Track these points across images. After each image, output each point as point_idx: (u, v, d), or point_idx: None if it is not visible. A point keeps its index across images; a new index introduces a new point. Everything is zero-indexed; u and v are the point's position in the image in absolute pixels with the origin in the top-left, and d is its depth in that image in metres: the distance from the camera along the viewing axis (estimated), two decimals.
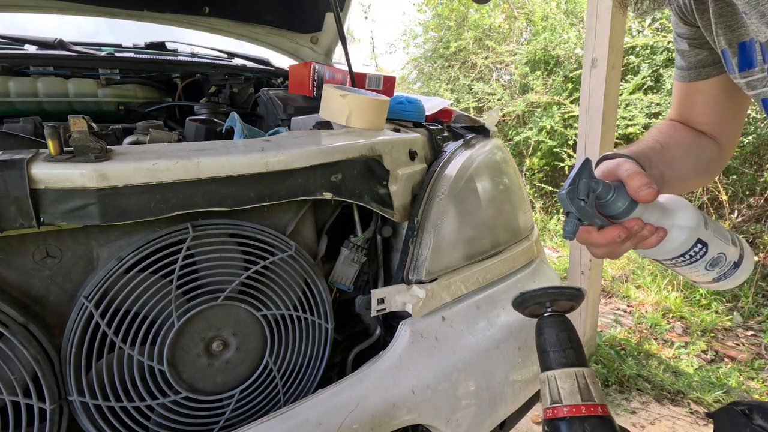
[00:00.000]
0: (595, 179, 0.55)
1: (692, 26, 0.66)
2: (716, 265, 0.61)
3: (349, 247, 0.95)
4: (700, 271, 0.62)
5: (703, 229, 0.59)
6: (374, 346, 0.99)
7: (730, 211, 3.49)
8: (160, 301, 0.70)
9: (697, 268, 0.62)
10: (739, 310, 2.78)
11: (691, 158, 0.72)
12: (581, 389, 0.50)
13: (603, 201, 0.56)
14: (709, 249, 0.60)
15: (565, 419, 0.49)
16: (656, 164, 0.66)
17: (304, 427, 0.70)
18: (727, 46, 0.59)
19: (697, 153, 0.72)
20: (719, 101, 0.71)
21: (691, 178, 0.73)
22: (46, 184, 0.59)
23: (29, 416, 0.63)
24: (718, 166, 0.77)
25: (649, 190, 0.54)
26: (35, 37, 1.37)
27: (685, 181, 0.73)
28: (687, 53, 0.69)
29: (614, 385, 2.10)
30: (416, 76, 7.46)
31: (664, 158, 0.68)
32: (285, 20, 1.70)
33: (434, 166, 1.01)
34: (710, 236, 0.60)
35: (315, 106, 1.10)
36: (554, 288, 0.56)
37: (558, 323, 0.55)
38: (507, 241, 1.13)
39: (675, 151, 0.70)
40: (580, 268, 2.14)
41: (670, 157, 0.69)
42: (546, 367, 0.53)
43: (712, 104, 0.72)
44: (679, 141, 0.72)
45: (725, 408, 0.60)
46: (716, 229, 0.61)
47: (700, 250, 0.59)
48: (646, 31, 4.18)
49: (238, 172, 0.70)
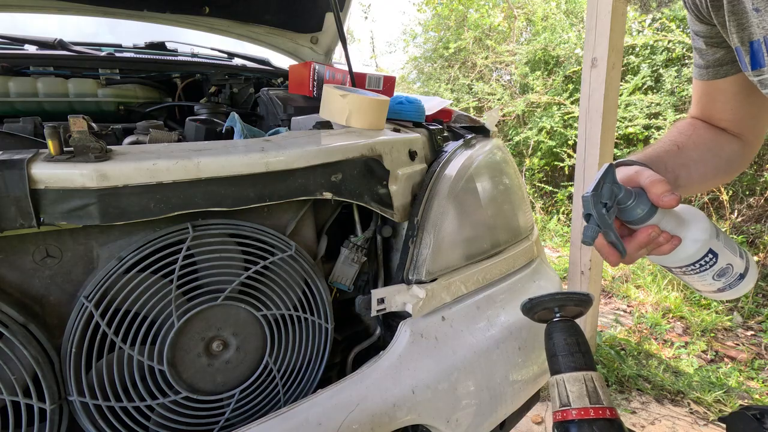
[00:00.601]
0: (617, 184, 0.56)
1: (708, 24, 0.65)
2: (723, 275, 0.62)
3: (349, 247, 0.95)
4: (707, 280, 0.63)
5: (715, 240, 0.60)
6: (374, 346, 0.99)
7: (730, 211, 3.49)
8: (160, 301, 0.70)
9: (705, 277, 0.63)
10: (739, 310, 2.78)
11: (710, 158, 0.71)
12: (590, 392, 0.51)
13: (623, 206, 0.57)
14: (719, 259, 0.61)
15: (574, 422, 0.49)
16: (671, 168, 0.66)
17: (304, 427, 0.70)
18: (739, 44, 0.58)
19: (717, 152, 0.72)
20: (740, 98, 0.70)
21: (709, 178, 0.72)
22: (46, 184, 0.59)
23: (29, 416, 0.63)
24: (740, 163, 0.76)
25: (672, 197, 0.54)
26: (35, 37, 1.36)
27: (703, 182, 0.72)
28: (705, 51, 0.68)
29: (614, 385, 2.10)
30: (416, 76, 7.47)
31: (681, 160, 0.68)
32: (285, 20, 1.70)
33: (434, 166, 1.01)
34: (721, 247, 0.61)
35: (315, 106, 1.10)
36: (562, 294, 0.57)
37: (566, 328, 0.56)
38: (507, 241, 1.13)
39: (692, 152, 0.70)
40: (580, 268, 2.14)
41: (686, 158, 0.69)
42: (555, 371, 0.54)
43: (733, 101, 0.70)
44: (697, 141, 0.71)
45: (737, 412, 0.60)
46: (726, 241, 0.62)
47: (710, 260, 0.61)
48: (646, 31, 4.18)
49: (238, 172, 0.70)
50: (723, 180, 0.77)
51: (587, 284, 2.12)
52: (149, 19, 1.54)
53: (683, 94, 3.78)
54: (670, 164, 0.67)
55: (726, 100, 0.71)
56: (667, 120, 3.75)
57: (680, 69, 3.87)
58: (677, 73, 3.85)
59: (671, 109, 3.79)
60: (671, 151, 0.69)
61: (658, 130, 3.82)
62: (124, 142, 0.94)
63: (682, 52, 3.88)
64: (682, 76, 3.83)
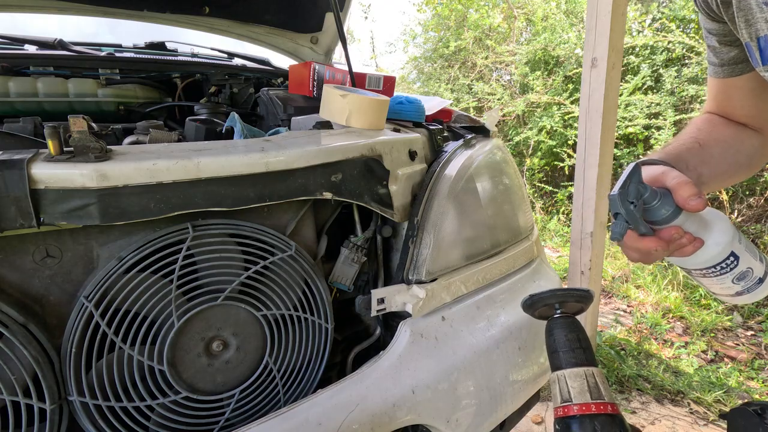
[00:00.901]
0: (643, 184, 0.56)
1: (719, 22, 0.64)
2: (743, 279, 0.62)
3: (349, 247, 0.95)
4: (726, 283, 0.63)
5: (737, 243, 0.60)
6: (374, 346, 0.99)
7: (731, 211, 3.49)
8: (160, 301, 0.70)
9: (725, 280, 0.63)
10: (739, 310, 2.78)
11: (731, 154, 0.70)
12: (591, 388, 0.50)
13: (648, 206, 0.57)
14: (740, 262, 0.61)
15: (575, 417, 0.49)
16: (693, 166, 0.66)
17: (304, 427, 0.70)
18: (749, 39, 0.58)
19: (738, 148, 0.71)
20: (757, 93, 0.69)
21: (730, 174, 0.72)
22: (46, 184, 0.59)
23: (29, 416, 0.63)
24: (761, 158, 0.75)
25: (698, 201, 0.54)
26: (35, 37, 1.36)
27: (724, 178, 0.72)
28: (719, 50, 0.68)
29: (614, 385, 2.10)
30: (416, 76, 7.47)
31: (703, 158, 0.67)
32: (285, 20, 1.70)
33: (434, 166, 1.01)
34: (742, 250, 0.61)
35: (315, 106, 1.10)
36: (563, 290, 0.57)
37: (567, 324, 0.56)
38: (507, 241, 1.13)
39: (714, 149, 0.69)
40: (580, 268, 2.13)
41: (708, 156, 0.68)
42: (556, 367, 0.54)
43: (750, 98, 0.70)
44: (717, 138, 0.71)
45: (738, 408, 0.60)
46: (747, 244, 0.62)
47: (731, 263, 0.60)
48: (646, 31, 4.18)
49: (238, 172, 0.70)
50: (745, 175, 0.76)
51: (587, 284, 2.12)
52: (149, 19, 1.54)
53: (683, 94, 3.78)
54: (692, 162, 0.66)
55: (743, 97, 0.70)
56: (667, 120, 3.75)
57: (680, 69, 3.87)
58: (677, 73, 3.85)
59: (671, 109, 3.79)
60: (693, 149, 0.68)
61: (658, 130, 3.82)
62: (124, 142, 0.94)
63: (682, 52, 3.88)
64: (682, 76, 3.83)
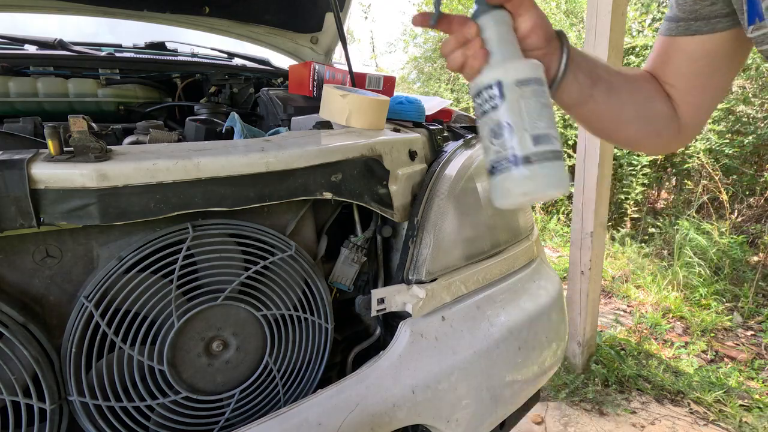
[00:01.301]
0: None
1: None
2: (497, 137, 0.47)
3: (349, 247, 0.95)
4: (485, 134, 0.50)
5: (514, 86, 0.47)
6: (374, 346, 0.99)
7: (731, 211, 3.49)
8: (160, 301, 0.70)
9: (483, 128, 0.50)
10: (739, 310, 2.78)
11: (640, 100, 0.65)
12: None
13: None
14: (501, 108, 0.47)
15: None
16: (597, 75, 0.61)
17: (304, 427, 0.70)
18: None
19: (649, 99, 0.66)
20: (697, 65, 0.63)
21: (624, 119, 0.66)
22: (46, 184, 0.59)
23: (29, 416, 0.63)
24: (664, 133, 0.68)
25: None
26: (35, 37, 1.37)
27: (617, 117, 0.66)
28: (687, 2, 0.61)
29: (614, 385, 2.10)
30: (416, 76, 7.47)
31: (612, 79, 0.63)
32: (285, 20, 1.70)
33: (434, 166, 1.01)
34: (516, 98, 0.47)
35: (315, 106, 1.10)
36: None
37: None
38: (507, 241, 1.13)
39: (626, 84, 0.65)
40: (580, 268, 2.14)
41: (618, 82, 0.64)
42: None
43: (688, 64, 0.64)
44: (637, 78, 0.66)
45: None
46: (541, 107, 0.48)
47: (492, 97, 0.48)
48: (646, 31, 4.18)
49: (238, 172, 0.70)
50: (636, 136, 0.69)
51: (587, 284, 2.12)
52: (149, 19, 1.54)
53: None
54: (599, 71, 0.61)
55: (681, 63, 0.64)
56: None
57: None
58: None
59: None
60: (609, 68, 0.64)
61: None
62: (124, 142, 0.94)
63: None
64: None
